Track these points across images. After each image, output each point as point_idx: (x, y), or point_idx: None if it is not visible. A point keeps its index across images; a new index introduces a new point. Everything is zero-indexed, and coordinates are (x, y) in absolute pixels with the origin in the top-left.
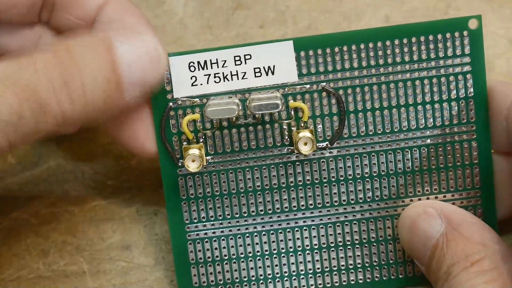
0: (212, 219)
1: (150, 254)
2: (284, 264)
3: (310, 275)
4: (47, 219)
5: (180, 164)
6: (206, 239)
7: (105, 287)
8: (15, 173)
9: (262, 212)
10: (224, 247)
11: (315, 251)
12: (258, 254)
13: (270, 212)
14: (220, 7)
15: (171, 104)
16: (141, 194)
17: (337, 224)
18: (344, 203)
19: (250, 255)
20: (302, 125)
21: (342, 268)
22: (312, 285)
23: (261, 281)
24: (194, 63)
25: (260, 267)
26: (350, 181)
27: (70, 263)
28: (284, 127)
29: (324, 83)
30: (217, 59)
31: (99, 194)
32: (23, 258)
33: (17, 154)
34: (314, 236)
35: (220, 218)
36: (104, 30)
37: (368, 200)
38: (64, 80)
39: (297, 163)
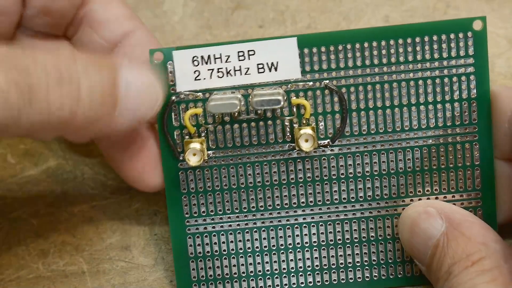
0: (212, 214)
1: (150, 254)
2: (283, 261)
3: (309, 273)
4: (47, 219)
5: (181, 158)
6: (206, 234)
7: (105, 287)
8: (15, 173)
9: (262, 208)
10: (223, 242)
11: (314, 248)
12: (257, 250)
13: (270, 208)
14: (220, 7)
15: (173, 97)
16: (141, 194)
17: (337, 222)
18: (345, 201)
19: (249, 250)
20: (304, 122)
21: (341, 266)
22: (310, 282)
23: (260, 277)
24: (197, 58)
25: (259, 263)
26: (351, 179)
27: (69, 263)
28: (286, 123)
29: (327, 81)
30: (220, 54)
31: (99, 194)
32: (22, 258)
33: (17, 154)
34: (314, 234)
35: (220, 213)
36: (123, 54)
37: (369, 198)
38: (61, 78)
39: (298, 160)
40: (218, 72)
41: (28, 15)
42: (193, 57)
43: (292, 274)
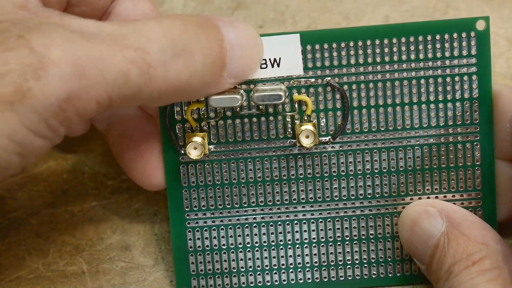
0: (212, 208)
1: (150, 254)
2: (282, 257)
3: (307, 269)
4: (46, 219)
5: (182, 151)
6: (206, 228)
7: (105, 287)
8: (15, 173)
9: (262, 204)
10: (223, 237)
11: (313, 244)
12: (257, 245)
13: (270, 204)
14: (220, 7)
15: None
16: (141, 194)
17: (337, 219)
18: (345, 198)
19: (249, 245)
20: (306, 118)
21: (340, 263)
22: (309, 278)
23: (258, 272)
24: None
25: (258, 258)
26: (351, 177)
27: (69, 263)
28: (288, 119)
29: (329, 78)
30: None
31: (99, 194)
32: (22, 258)
33: None
34: (313, 230)
35: (220, 207)
36: None
37: (369, 196)
38: (176, 51)
39: (299, 156)
40: None
41: (71, 3)
42: None
43: (291, 270)
